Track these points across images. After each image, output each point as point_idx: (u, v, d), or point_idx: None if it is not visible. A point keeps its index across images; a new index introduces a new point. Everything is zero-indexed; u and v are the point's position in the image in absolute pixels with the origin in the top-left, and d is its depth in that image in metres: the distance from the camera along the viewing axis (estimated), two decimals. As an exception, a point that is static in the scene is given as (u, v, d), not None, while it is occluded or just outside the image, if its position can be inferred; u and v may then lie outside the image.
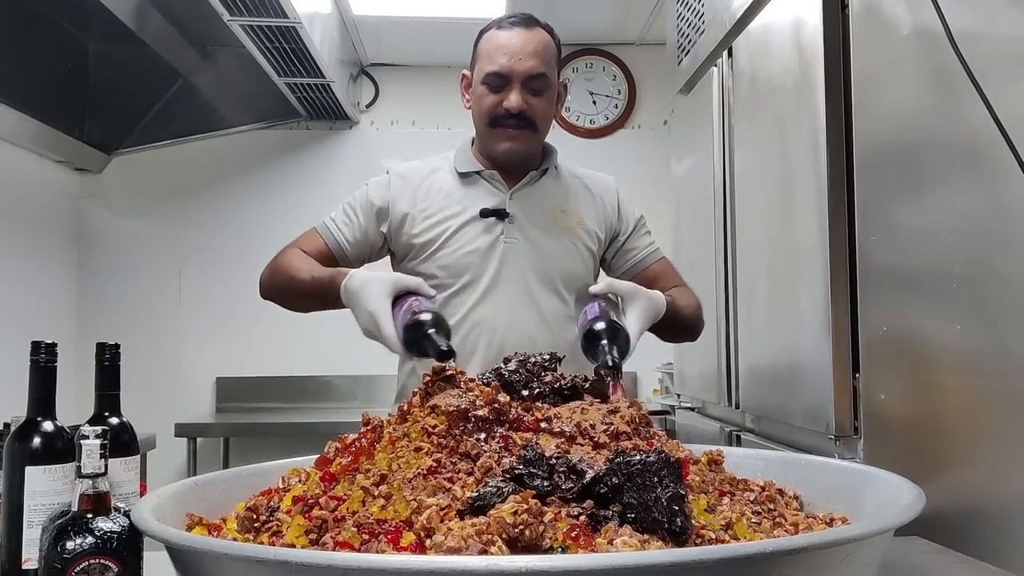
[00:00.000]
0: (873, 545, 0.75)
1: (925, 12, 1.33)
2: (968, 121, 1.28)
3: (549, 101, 1.71)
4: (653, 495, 0.76)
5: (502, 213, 1.70)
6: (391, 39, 4.05)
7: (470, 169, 1.74)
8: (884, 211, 1.53)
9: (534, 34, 1.68)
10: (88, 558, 0.87)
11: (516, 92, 1.64)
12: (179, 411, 3.82)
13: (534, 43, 1.66)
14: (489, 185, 1.74)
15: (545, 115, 1.71)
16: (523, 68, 1.64)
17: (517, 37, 1.66)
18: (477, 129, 1.76)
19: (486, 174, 1.74)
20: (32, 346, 1.03)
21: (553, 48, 1.72)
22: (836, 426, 1.59)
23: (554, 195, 1.76)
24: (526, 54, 1.65)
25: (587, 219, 1.75)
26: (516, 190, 1.73)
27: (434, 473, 0.86)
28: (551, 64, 1.70)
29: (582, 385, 1.06)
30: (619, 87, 4.32)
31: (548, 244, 1.70)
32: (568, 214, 1.74)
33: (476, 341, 1.66)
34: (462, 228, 1.69)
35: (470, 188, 1.73)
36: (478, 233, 1.69)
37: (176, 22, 3.50)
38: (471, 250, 1.68)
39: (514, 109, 1.65)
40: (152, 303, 4.11)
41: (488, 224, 1.70)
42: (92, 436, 0.90)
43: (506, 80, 1.65)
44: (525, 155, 1.72)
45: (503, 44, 1.66)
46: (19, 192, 3.56)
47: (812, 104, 1.69)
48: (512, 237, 1.69)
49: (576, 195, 1.77)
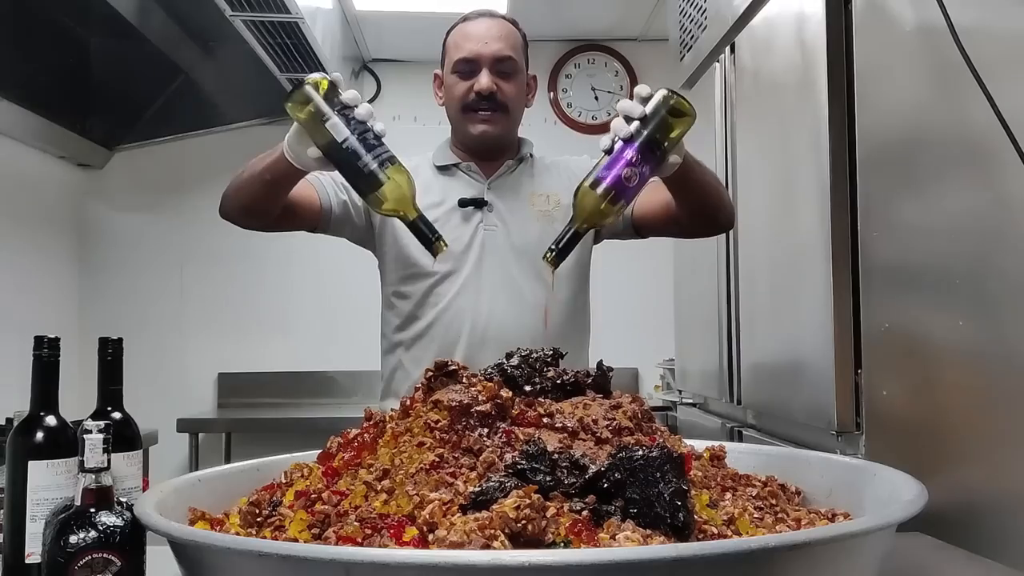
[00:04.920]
0: (875, 541, 0.75)
1: (928, 8, 1.33)
2: (971, 117, 1.28)
3: (519, 86, 1.74)
4: (655, 490, 0.76)
5: (480, 202, 1.73)
6: (393, 35, 4.04)
7: (447, 162, 1.78)
8: (886, 207, 1.52)
9: (497, 22, 1.74)
10: (91, 552, 0.87)
11: (485, 74, 1.69)
12: (181, 407, 3.82)
13: (498, 28, 1.72)
14: (467, 176, 1.77)
15: (515, 98, 1.74)
16: (489, 51, 1.69)
17: (482, 25, 1.73)
18: (452, 120, 1.78)
19: (463, 166, 1.77)
20: (35, 341, 1.03)
21: (519, 37, 1.76)
22: (838, 422, 1.59)
23: (531, 181, 1.79)
24: (491, 38, 1.70)
25: (564, 198, 1.74)
26: (493, 179, 1.76)
27: (437, 468, 0.86)
28: (518, 50, 1.74)
29: (584, 381, 1.06)
30: (621, 83, 4.31)
31: (527, 229, 1.72)
32: (545, 197, 1.76)
33: (460, 328, 1.68)
34: (441, 218, 1.69)
35: (448, 180, 1.77)
36: (458, 223, 1.72)
37: (178, 18, 3.50)
38: (451, 239, 1.68)
39: (484, 91, 1.69)
40: (154, 299, 4.11)
41: (467, 213, 1.73)
42: (95, 430, 0.90)
43: (475, 65, 1.70)
44: (499, 138, 1.74)
45: (469, 33, 1.72)
46: (21, 187, 3.56)
47: (814, 100, 1.69)
48: (491, 225, 1.72)
49: (552, 177, 1.80)
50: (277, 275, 4.14)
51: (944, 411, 1.42)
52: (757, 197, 2.06)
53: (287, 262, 4.10)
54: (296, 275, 4.12)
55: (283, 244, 4.18)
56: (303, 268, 4.09)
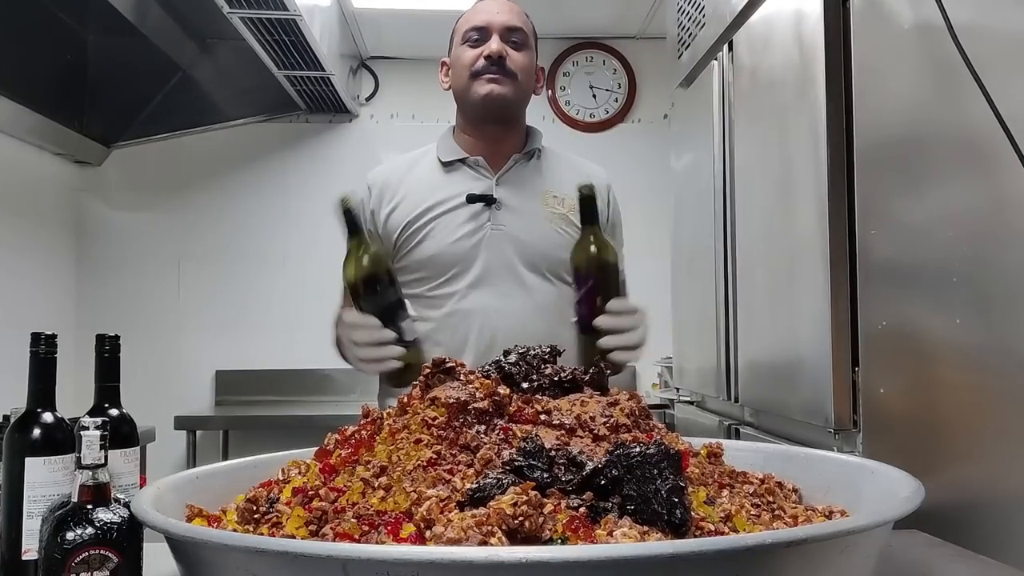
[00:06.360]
0: (872, 537, 0.75)
1: (926, 6, 1.33)
2: (969, 116, 1.28)
3: (528, 59, 1.72)
4: (653, 487, 0.76)
5: (489, 199, 1.68)
6: (391, 32, 4.04)
7: (453, 157, 1.74)
8: (884, 205, 1.53)
9: (508, 3, 1.75)
10: (88, 548, 0.87)
11: (495, 40, 1.68)
12: (178, 404, 3.82)
13: (509, 5, 1.74)
14: (474, 172, 1.72)
15: (524, 69, 1.71)
16: (500, 20, 1.70)
17: (493, 3, 1.73)
18: (457, 93, 1.74)
19: (470, 160, 1.73)
20: (32, 337, 1.03)
21: (529, 20, 1.76)
22: (835, 420, 1.59)
23: (544, 178, 1.75)
24: (503, 10, 1.72)
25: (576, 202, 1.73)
26: (502, 174, 1.72)
27: (434, 465, 0.86)
28: (528, 28, 1.74)
29: (582, 378, 1.06)
30: (619, 81, 4.31)
31: (536, 230, 1.69)
32: (560, 199, 1.72)
33: (467, 331, 1.65)
34: (447, 215, 1.67)
35: (454, 175, 1.72)
36: (464, 220, 1.68)
37: (176, 15, 3.50)
38: (457, 238, 1.67)
39: (495, 54, 1.66)
40: (151, 296, 4.11)
41: (475, 211, 1.68)
42: (92, 427, 0.90)
43: (485, 32, 1.69)
44: (506, 101, 1.69)
45: (480, 8, 1.73)
46: (18, 184, 3.55)
47: (812, 98, 1.69)
48: (499, 224, 1.68)
49: (569, 180, 1.74)
50: (275, 272, 4.14)
51: (941, 409, 1.42)
52: (755, 195, 2.06)
53: (285, 259, 4.10)
54: (294, 272, 4.12)
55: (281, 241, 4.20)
56: (301, 265, 4.09)
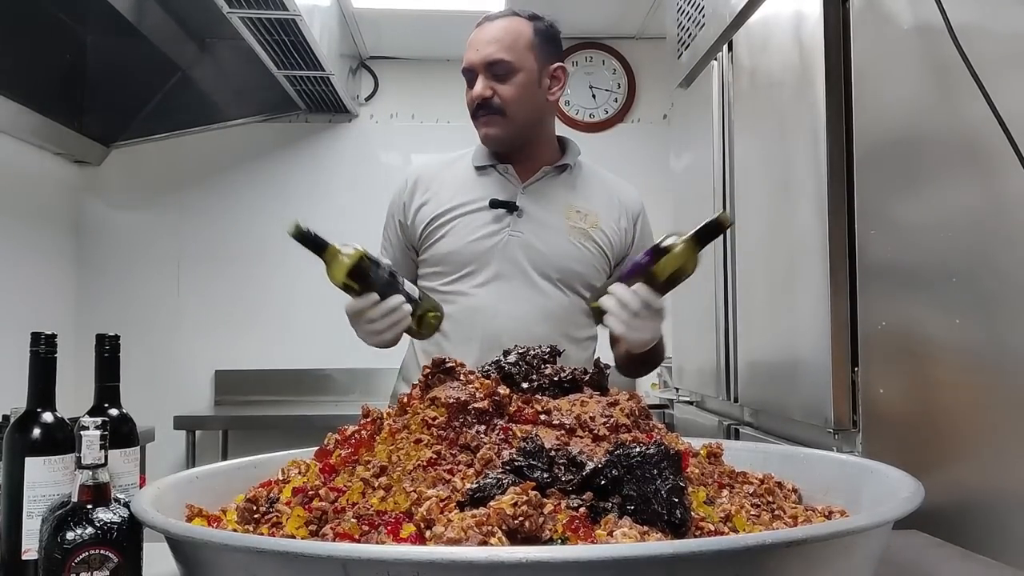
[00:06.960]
0: (872, 538, 0.75)
1: (926, 7, 1.33)
2: (968, 116, 1.28)
3: (517, 85, 1.71)
4: (653, 487, 0.76)
5: (511, 206, 1.72)
6: (391, 32, 4.04)
7: (485, 163, 1.78)
8: (883, 206, 1.53)
9: (498, 23, 1.73)
10: (88, 548, 0.87)
11: (479, 82, 1.70)
12: (178, 404, 3.82)
13: (494, 31, 1.71)
14: (503, 178, 1.77)
15: (514, 99, 1.70)
16: (479, 58, 1.70)
17: (480, 31, 1.73)
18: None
19: (500, 168, 1.77)
20: (32, 337, 1.03)
21: (519, 32, 1.72)
22: (835, 420, 1.59)
23: (571, 193, 1.77)
24: (483, 43, 1.70)
25: (603, 222, 1.75)
26: (528, 184, 1.76)
27: (434, 465, 0.86)
28: (514, 48, 1.70)
29: (582, 378, 1.06)
30: (619, 81, 4.31)
31: (553, 241, 1.71)
32: (584, 215, 1.75)
33: (474, 328, 1.68)
34: (469, 215, 1.71)
35: (484, 180, 1.77)
36: (485, 222, 1.72)
37: (175, 14, 3.50)
38: (475, 238, 1.71)
39: (475, 97, 1.71)
40: (151, 296, 4.11)
41: (497, 215, 1.72)
42: (92, 427, 0.89)
43: (472, 74, 1.72)
44: (502, 140, 1.73)
45: (470, 41, 1.73)
46: (18, 184, 3.55)
47: (812, 99, 1.69)
48: (517, 230, 1.71)
49: (597, 197, 1.78)
50: (274, 272, 4.13)
51: (941, 409, 1.42)
52: (754, 195, 2.06)
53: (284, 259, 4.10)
54: (293, 272, 4.11)
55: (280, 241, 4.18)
56: (300, 265, 4.06)
